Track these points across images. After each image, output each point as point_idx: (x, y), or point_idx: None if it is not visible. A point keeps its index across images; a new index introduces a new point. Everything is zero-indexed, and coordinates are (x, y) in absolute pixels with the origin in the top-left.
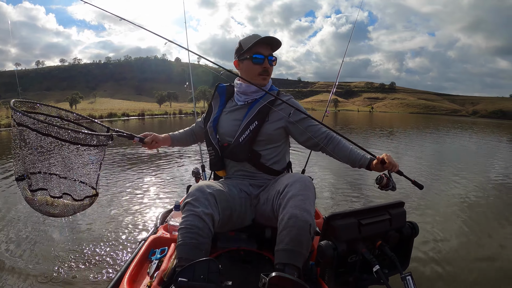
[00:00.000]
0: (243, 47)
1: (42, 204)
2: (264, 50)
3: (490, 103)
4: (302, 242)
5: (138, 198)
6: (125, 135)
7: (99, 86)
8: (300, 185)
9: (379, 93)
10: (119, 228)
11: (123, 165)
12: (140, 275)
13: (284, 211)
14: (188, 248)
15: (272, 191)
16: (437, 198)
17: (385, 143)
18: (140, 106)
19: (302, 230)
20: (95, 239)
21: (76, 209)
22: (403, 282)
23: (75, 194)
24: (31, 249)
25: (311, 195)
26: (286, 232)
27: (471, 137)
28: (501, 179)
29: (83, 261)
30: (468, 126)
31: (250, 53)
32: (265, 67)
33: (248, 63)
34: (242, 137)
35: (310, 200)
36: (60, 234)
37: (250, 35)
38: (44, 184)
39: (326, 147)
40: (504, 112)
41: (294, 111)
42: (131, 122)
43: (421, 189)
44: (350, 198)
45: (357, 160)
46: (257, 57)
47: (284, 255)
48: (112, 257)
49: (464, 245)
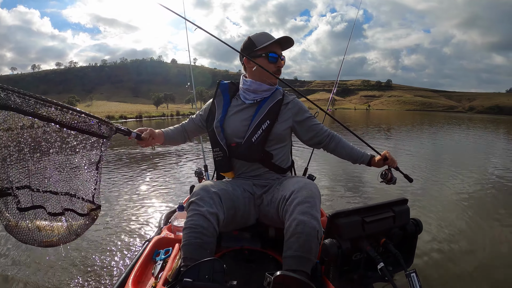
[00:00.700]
0: (256, 45)
1: (32, 231)
2: (278, 49)
3: (486, 98)
4: (311, 248)
5: (142, 199)
6: (122, 130)
7: (95, 89)
8: (307, 192)
9: (375, 91)
10: (122, 231)
11: (124, 165)
12: (144, 276)
13: (291, 217)
14: (192, 248)
15: (277, 194)
16: (437, 192)
17: (382, 140)
18: (137, 108)
19: (311, 237)
20: (98, 241)
21: (80, 229)
22: (408, 279)
23: (79, 208)
24: (27, 255)
25: (317, 201)
26: (294, 238)
27: (468, 132)
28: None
29: (85, 264)
30: (463, 122)
31: (265, 51)
32: (279, 66)
33: (263, 61)
34: (254, 136)
35: (317, 206)
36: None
37: (261, 33)
38: (38, 199)
39: (329, 145)
40: (501, 107)
41: (298, 110)
42: (128, 124)
43: (411, 182)
44: (352, 195)
45: (358, 157)
46: (273, 56)
47: (293, 261)
48: (115, 260)
49: (466, 238)
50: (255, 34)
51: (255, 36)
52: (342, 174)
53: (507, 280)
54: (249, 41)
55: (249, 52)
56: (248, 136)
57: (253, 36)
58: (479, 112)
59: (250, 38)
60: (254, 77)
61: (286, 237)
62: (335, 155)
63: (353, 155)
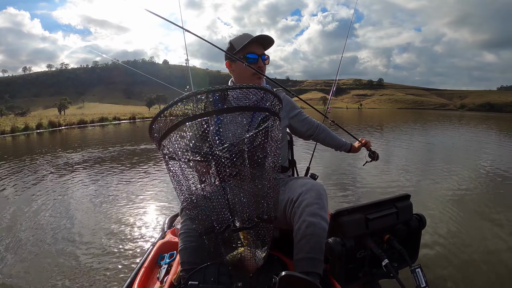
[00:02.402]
0: (235, 47)
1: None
2: (257, 49)
3: (478, 96)
4: (322, 249)
5: (144, 201)
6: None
7: (87, 91)
8: (316, 193)
9: (367, 90)
10: (124, 235)
11: (126, 168)
12: (150, 280)
13: (301, 219)
14: (189, 252)
15: (283, 195)
16: (432, 187)
17: (374, 137)
18: (129, 110)
19: (321, 238)
20: (100, 244)
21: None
22: (413, 274)
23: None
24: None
25: (325, 202)
26: (305, 240)
27: (459, 129)
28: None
29: (90, 268)
30: (453, 119)
31: (243, 53)
32: (260, 66)
33: (241, 64)
34: None
35: (325, 207)
36: (67, 241)
37: (241, 35)
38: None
39: (319, 135)
40: (492, 104)
41: (291, 107)
42: (122, 126)
43: (377, 160)
44: (353, 193)
45: (341, 145)
46: (251, 57)
47: (306, 263)
48: (121, 263)
49: (466, 233)
50: (236, 37)
51: (234, 40)
52: (343, 173)
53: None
54: (229, 45)
55: (229, 56)
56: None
57: (233, 39)
58: (471, 109)
59: (230, 42)
60: (239, 78)
61: (296, 240)
62: (323, 144)
63: (337, 144)
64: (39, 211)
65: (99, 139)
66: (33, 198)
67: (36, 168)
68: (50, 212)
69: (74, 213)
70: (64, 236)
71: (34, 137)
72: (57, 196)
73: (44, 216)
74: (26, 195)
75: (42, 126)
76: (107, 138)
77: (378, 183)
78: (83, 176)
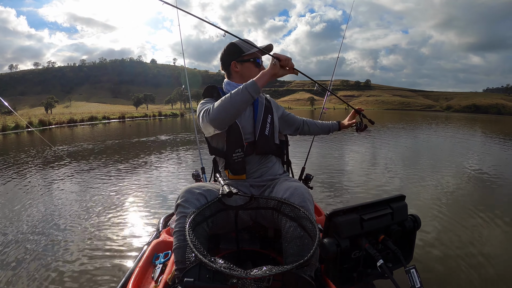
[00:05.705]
0: (244, 51)
1: None
2: (259, 54)
3: (463, 98)
4: (310, 251)
5: (139, 202)
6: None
7: (74, 90)
8: (299, 197)
9: (354, 91)
10: (119, 235)
11: (120, 169)
12: (145, 280)
13: (287, 224)
14: (182, 251)
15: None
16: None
17: (363, 138)
18: (117, 109)
19: (309, 240)
20: (99, 243)
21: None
22: (408, 275)
23: None
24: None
25: (309, 205)
26: (293, 244)
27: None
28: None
29: (85, 268)
30: (439, 120)
31: (252, 56)
32: (262, 69)
33: (250, 66)
34: (266, 130)
35: (310, 211)
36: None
37: (244, 40)
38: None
39: (303, 128)
40: (477, 106)
41: (277, 106)
42: (112, 125)
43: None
44: (348, 194)
45: (329, 128)
46: (259, 61)
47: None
48: (115, 263)
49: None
50: (237, 40)
51: (240, 43)
52: (338, 173)
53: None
54: (235, 47)
55: (237, 57)
56: (260, 131)
57: (238, 43)
58: (456, 111)
59: (235, 44)
60: (243, 79)
61: (284, 244)
62: (310, 135)
63: (325, 128)
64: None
65: (103, 136)
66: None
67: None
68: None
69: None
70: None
71: (25, 135)
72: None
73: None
74: (71, 196)
75: (33, 125)
76: (107, 136)
77: (376, 182)
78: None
